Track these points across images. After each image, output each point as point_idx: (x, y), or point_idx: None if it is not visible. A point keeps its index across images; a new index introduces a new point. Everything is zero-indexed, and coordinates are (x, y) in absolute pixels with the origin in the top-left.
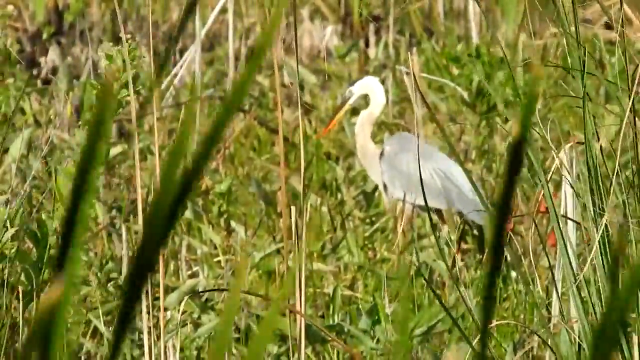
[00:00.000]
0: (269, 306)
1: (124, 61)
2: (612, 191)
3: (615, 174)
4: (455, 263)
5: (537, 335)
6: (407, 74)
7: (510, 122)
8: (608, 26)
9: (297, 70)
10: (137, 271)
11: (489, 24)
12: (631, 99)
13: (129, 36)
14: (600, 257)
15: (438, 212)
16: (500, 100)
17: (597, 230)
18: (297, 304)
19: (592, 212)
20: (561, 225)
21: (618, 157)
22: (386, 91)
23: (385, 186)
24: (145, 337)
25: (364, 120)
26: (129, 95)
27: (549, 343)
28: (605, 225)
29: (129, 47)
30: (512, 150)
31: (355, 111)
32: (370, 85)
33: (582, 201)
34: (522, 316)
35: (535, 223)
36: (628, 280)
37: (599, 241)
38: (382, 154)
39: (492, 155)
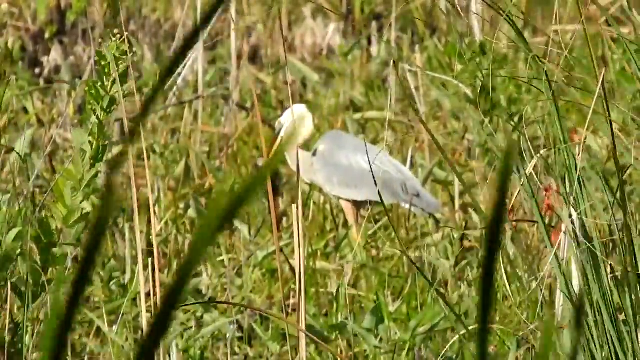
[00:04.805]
0: (272, 305)
1: (114, 56)
2: (576, 193)
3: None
4: (458, 261)
5: (540, 332)
6: (410, 71)
7: (514, 118)
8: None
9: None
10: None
11: (491, 20)
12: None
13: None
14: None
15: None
16: (504, 98)
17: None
18: (298, 303)
19: (575, 213)
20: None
21: (577, 159)
22: (388, 89)
23: (322, 184)
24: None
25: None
26: (120, 91)
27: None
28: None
29: (118, 41)
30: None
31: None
32: (298, 114)
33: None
34: (525, 314)
35: (544, 220)
36: None
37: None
38: (314, 153)
39: (495, 153)
